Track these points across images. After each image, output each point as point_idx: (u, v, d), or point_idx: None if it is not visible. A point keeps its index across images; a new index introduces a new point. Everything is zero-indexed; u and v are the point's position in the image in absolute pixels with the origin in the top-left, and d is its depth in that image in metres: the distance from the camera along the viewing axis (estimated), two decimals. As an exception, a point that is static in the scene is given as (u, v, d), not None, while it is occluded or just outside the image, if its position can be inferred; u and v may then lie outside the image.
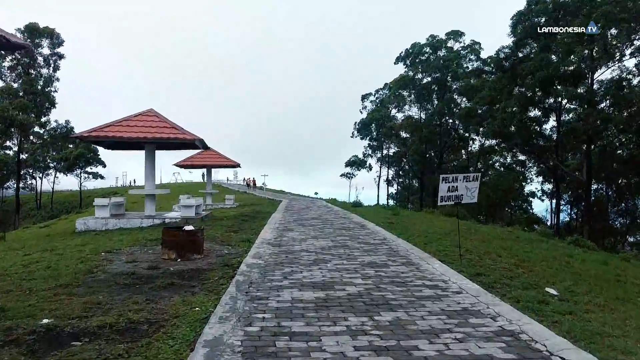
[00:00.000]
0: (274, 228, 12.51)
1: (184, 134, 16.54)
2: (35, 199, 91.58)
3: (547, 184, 56.04)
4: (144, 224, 16.22)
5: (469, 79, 48.71)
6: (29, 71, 55.29)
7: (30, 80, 53.82)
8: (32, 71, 56.48)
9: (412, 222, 16.53)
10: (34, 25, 54.18)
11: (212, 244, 10.17)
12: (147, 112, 17.67)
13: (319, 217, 16.28)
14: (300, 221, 14.50)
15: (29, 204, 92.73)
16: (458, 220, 10.25)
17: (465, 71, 53.19)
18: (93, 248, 10.04)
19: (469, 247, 10.38)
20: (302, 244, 9.24)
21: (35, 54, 55.46)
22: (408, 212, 24.03)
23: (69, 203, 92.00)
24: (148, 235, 12.82)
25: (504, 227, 27.04)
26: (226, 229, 13.49)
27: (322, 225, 12.98)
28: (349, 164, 79.34)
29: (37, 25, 54.39)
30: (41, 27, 54.71)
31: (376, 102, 72.01)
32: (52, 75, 57.98)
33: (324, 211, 19.67)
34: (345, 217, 16.10)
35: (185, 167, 32.06)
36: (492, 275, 7.27)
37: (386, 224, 14.23)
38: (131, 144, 18.76)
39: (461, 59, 52.72)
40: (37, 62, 56.73)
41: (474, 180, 8.09)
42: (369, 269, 6.79)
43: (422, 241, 10.52)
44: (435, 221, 18.44)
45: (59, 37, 55.27)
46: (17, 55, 54.08)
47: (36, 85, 54.67)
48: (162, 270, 7.28)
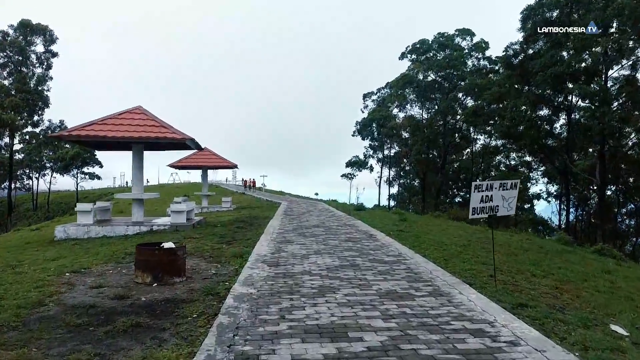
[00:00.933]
0: (271, 239, 11.09)
1: (173, 133, 15.14)
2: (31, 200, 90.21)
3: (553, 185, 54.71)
4: (129, 231, 14.83)
5: (475, 78, 47.33)
6: (21, 69, 53.84)
7: (23, 79, 52.35)
8: (24, 69, 55.03)
9: (422, 229, 15.12)
10: (27, 22, 52.78)
11: (198, 260, 8.75)
12: (134, 109, 16.28)
13: (321, 224, 14.87)
14: (301, 229, 13.09)
15: (26, 205, 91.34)
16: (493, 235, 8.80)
17: (470, 69, 51.85)
18: (60, 265, 8.63)
19: (496, 262, 8.99)
20: (303, 262, 7.83)
21: (28, 52, 54.05)
22: (415, 216, 22.62)
23: (66, 204, 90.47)
24: (130, 246, 11.41)
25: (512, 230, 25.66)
26: (218, 238, 12.07)
27: (325, 236, 11.56)
28: (350, 165, 77.91)
29: (30, 22, 52.99)
30: (34, 23, 53.29)
31: (378, 101, 70.61)
32: (45, 74, 56.56)
33: (325, 216, 18.26)
34: (350, 225, 14.69)
35: (180, 168, 30.66)
36: (538, 307, 5.87)
37: (395, 233, 12.83)
38: (118, 144, 17.35)
39: (467, 57, 51.37)
40: (30, 60, 55.30)
41: (512, 188, 6.68)
42: (390, 303, 5.37)
43: (441, 256, 9.11)
44: (447, 228, 17.04)
45: (53, 35, 53.89)
46: (9, 53, 52.70)
47: (28, 83, 53.21)
48: (130, 300, 5.87)
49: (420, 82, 54.87)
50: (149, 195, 17.20)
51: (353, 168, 78.22)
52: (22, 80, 52.42)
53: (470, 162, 60.72)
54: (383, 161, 73.99)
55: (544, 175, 53.20)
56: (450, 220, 26.87)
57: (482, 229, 21.45)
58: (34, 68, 56.16)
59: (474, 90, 48.24)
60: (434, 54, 53.68)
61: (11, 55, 52.74)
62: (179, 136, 14.95)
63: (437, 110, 54.72)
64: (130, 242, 12.34)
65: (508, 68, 31.58)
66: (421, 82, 54.54)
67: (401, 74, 58.33)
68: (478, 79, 49.34)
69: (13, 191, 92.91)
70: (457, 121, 55.13)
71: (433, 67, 51.28)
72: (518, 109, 29.97)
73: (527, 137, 31.69)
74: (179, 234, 13.86)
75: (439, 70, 51.61)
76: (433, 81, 55.17)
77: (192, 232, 14.16)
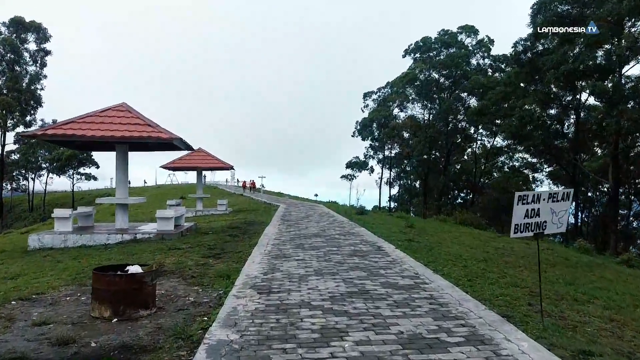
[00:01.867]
0: (265, 252, 9.72)
1: (159, 132, 13.77)
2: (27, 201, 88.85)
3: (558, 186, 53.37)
4: (111, 240, 13.46)
5: (479, 76, 46.00)
6: (14, 67, 52.44)
7: (15, 77, 50.94)
8: (17, 68, 53.64)
9: (433, 238, 13.76)
10: (19, 19, 51.39)
11: (177, 281, 7.38)
12: (118, 106, 14.91)
13: (322, 232, 13.49)
14: (299, 239, 11.72)
15: (22, 206, 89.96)
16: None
17: (474, 68, 50.53)
18: (12, 288, 7.26)
19: (529, 283, 7.64)
20: (301, 288, 6.44)
21: (21, 50, 52.66)
22: (422, 221, 21.23)
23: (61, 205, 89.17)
24: (106, 259, 10.05)
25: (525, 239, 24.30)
26: (206, 250, 10.70)
27: (328, 248, 10.18)
28: (350, 166, 76.56)
29: (22, 19, 51.61)
30: (27, 21, 51.90)
31: (378, 100, 69.27)
32: (39, 72, 55.18)
33: (326, 222, 16.88)
34: (354, 233, 13.32)
35: (173, 170, 29.32)
36: (604, 355, 4.51)
37: (405, 244, 11.45)
38: (101, 145, 15.98)
39: (471, 55, 50.02)
40: (23, 59, 53.91)
41: (564, 199, 5.31)
42: (417, 357, 4.00)
43: (463, 275, 7.75)
44: (459, 235, 15.68)
45: (46, 32, 52.51)
46: (1, 51, 51.32)
47: (21, 82, 51.80)
48: (75, 348, 4.49)
49: (422, 81, 53.52)
50: (134, 200, 15.82)
51: (353, 169, 76.86)
52: (14, 79, 51.01)
53: (471, 163, 59.41)
54: (383, 162, 72.66)
55: (549, 177, 51.91)
56: (456, 224, 25.56)
57: (493, 235, 20.12)
58: (27, 66, 54.82)
59: (478, 89, 46.96)
60: (437, 52, 52.33)
61: (3, 53, 51.35)
62: (165, 135, 13.59)
63: (440, 109, 53.34)
64: (109, 254, 10.99)
65: (517, 65, 30.22)
66: (424, 80, 53.19)
67: (403, 72, 57.02)
68: (482, 77, 48.05)
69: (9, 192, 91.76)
70: (460, 121, 53.78)
71: (436, 65, 49.91)
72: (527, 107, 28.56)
73: (536, 137, 30.32)
74: (164, 244, 12.50)
75: (442, 69, 50.25)
76: (436, 80, 53.84)
77: (178, 242, 12.80)
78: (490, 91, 38.42)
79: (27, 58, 53.23)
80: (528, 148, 34.07)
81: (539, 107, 28.80)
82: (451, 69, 49.58)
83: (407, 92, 57.99)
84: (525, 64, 29.24)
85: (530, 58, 29.12)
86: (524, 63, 29.46)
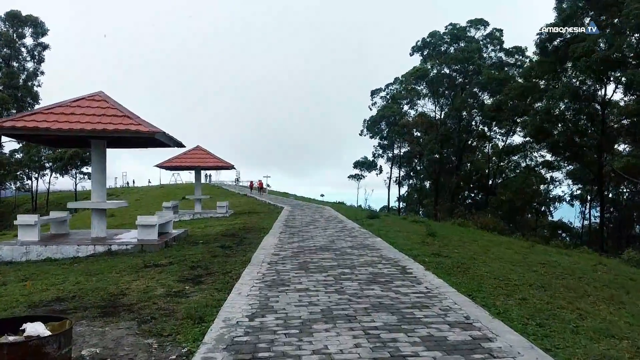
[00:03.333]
0: (258, 276, 7.57)
1: (138, 125, 11.67)
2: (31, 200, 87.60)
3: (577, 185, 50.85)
4: (81, 252, 11.42)
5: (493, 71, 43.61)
6: (10, 63, 50.70)
7: (11, 73, 49.18)
8: (15, 63, 51.92)
9: (463, 250, 11.55)
10: (15, 12, 49.58)
11: (129, 325, 5.23)
12: (94, 95, 12.87)
13: (331, 244, 11.31)
14: (303, 255, 9.55)
15: (26, 205, 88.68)
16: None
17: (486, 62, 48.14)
18: None
19: (623, 329, 5.46)
20: (303, 348, 4.27)
21: (18, 45, 50.92)
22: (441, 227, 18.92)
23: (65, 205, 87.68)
24: (60, 281, 7.99)
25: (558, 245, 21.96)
26: (187, 270, 8.58)
27: (338, 270, 7.99)
28: (357, 165, 74.39)
29: (19, 13, 49.80)
30: (24, 14, 50.12)
31: (387, 97, 67.01)
32: (37, 68, 53.43)
33: (334, 230, 14.70)
34: (369, 246, 11.13)
35: (169, 169, 27.21)
36: None
37: (434, 261, 9.27)
38: (73, 140, 13.93)
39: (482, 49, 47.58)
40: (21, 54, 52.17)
41: None
42: None
43: (528, 316, 5.57)
44: (489, 246, 13.44)
45: (43, 26, 50.70)
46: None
47: (17, 78, 50.04)
48: None
49: (434, 77, 51.19)
50: (112, 204, 13.70)
51: (361, 169, 74.64)
52: (10, 75, 49.25)
53: (484, 163, 56.97)
54: (392, 161, 70.36)
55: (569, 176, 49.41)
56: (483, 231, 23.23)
57: (525, 243, 17.76)
58: (26, 62, 53.13)
59: (492, 83, 44.57)
60: (446, 47, 49.93)
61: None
62: (145, 129, 11.48)
63: (452, 106, 50.93)
64: (67, 273, 8.90)
65: (541, 54, 27.78)
66: (435, 76, 50.84)
67: (413, 68, 54.71)
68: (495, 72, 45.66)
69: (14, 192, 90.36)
70: (473, 118, 51.36)
71: (448, 60, 47.49)
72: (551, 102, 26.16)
73: (561, 133, 27.92)
74: (141, 258, 10.41)
75: (454, 64, 47.81)
76: (447, 75, 51.45)
77: (159, 255, 10.69)
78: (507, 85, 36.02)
79: (24, 53, 51.43)
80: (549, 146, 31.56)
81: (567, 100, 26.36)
82: (463, 64, 47.16)
83: (417, 88, 55.67)
84: (550, 53, 26.83)
85: (555, 47, 26.70)
86: (548, 52, 27.04)
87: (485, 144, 53.45)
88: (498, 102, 35.97)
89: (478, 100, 47.75)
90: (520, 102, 33.41)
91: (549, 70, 27.55)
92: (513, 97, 33.01)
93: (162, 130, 11.91)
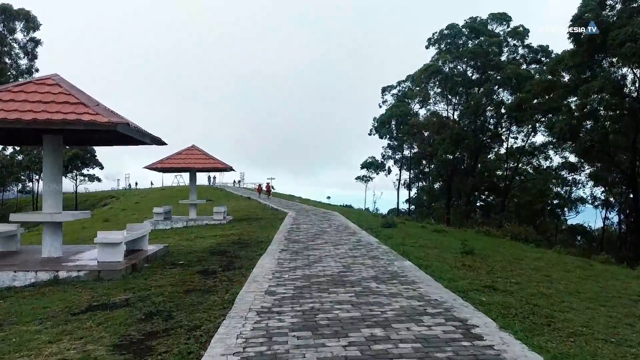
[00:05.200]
0: (237, 345, 4.75)
1: (95, 114, 8.95)
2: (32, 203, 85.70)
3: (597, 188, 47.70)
4: (18, 280, 8.84)
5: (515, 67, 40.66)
6: (2, 59, 48.32)
7: (2, 70, 46.79)
8: (7, 60, 49.54)
9: (519, 276, 8.75)
10: (6, 6, 47.24)
11: None
12: (45, 79, 10.20)
13: (346, 274, 8.49)
14: (309, 296, 6.74)
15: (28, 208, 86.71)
16: None
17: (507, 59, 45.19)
18: None
19: None
20: None
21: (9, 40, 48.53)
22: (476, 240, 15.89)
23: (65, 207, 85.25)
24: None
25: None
26: (134, 324, 5.79)
27: (365, 330, 5.16)
28: (366, 166, 71.48)
29: (10, 6, 47.46)
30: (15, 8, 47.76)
31: (398, 95, 64.15)
32: (31, 65, 51.05)
33: (348, 247, 11.90)
34: (399, 275, 8.32)
35: (159, 171, 24.48)
36: None
37: (495, 301, 6.48)
38: (21, 134, 11.26)
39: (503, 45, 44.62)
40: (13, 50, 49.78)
41: None
42: None
43: None
44: (543, 267, 10.63)
45: (35, 21, 48.25)
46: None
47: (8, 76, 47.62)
48: None
49: (447, 74, 48.20)
50: (67, 216, 10.89)
51: (369, 170, 71.72)
52: (2, 72, 46.86)
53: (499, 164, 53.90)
54: (402, 162, 67.47)
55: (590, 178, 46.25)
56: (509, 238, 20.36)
57: (578, 261, 14.77)
58: (19, 59, 50.79)
59: (512, 81, 41.62)
60: (464, 41, 46.99)
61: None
62: (103, 119, 8.76)
63: (468, 104, 47.91)
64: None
65: (576, 43, 24.82)
66: (449, 73, 47.86)
67: (425, 65, 51.70)
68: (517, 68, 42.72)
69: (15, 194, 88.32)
70: (491, 117, 48.31)
71: (465, 54, 44.51)
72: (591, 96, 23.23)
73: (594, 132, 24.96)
74: (89, 291, 7.73)
75: (472, 59, 44.83)
76: (463, 72, 48.49)
77: (117, 287, 7.96)
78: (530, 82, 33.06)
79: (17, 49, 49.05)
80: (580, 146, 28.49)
81: (606, 94, 23.43)
82: (482, 59, 44.21)
83: (429, 86, 52.70)
84: (585, 42, 23.90)
85: (590, 36, 23.76)
86: (582, 41, 24.11)
87: (502, 144, 50.38)
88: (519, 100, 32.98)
89: (497, 98, 44.77)
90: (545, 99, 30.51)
91: (583, 61, 24.61)
92: (537, 93, 30.09)
93: (126, 121, 9.17)
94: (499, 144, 52.12)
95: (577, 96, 25.12)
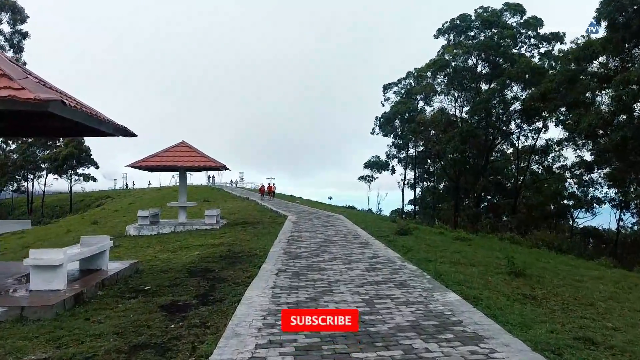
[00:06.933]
0: None
1: (18, 89, 6.41)
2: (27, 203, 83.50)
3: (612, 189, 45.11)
4: None
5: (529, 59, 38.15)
6: (-14, 52, 45.76)
7: (-14, 63, 44.23)
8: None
9: (596, 315, 6.23)
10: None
11: None
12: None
13: (371, 317, 5.95)
14: (316, 356, 4.18)
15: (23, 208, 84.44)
16: None
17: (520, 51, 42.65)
18: None
19: None
20: None
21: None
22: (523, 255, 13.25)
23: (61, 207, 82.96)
24: None
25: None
26: None
27: None
28: (369, 165, 68.91)
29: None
30: None
31: (400, 92, 61.59)
32: (17, 58, 48.48)
33: (365, 266, 9.38)
34: (446, 318, 5.80)
35: (143, 169, 21.91)
36: None
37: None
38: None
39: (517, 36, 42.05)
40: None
41: None
42: None
43: None
44: (610, 292, 8.12)
45: (23, 12, 45.79)
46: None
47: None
48: None
49: (456, 67, 45.61)
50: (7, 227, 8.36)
51: (372, 169, 69.18)
52: (-14, 65, 44.35)
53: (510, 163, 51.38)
54: (406, 161, 64.91)
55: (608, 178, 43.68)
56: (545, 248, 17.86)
57: (618, 273, 12.39)
58: (5, 52, 48.29)
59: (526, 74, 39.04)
60: (475, 33, 44.42)
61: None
62: (28, 95, 6.20)
63: (477, 101, 45.33)
64: None
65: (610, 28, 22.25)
66: (459, 67, 45.27)
67: (431, 60, 49.09)
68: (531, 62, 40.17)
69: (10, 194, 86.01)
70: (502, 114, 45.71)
71: (477, 47, 41.91)
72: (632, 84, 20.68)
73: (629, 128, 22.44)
74: (1, 342, 5.20)
75: (484, 52, 42.23)
76: (470, 68, 45.90)
77: (36, 337, 5.40)
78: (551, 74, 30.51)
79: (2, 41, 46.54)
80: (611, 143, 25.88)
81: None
82: (494, 51, 41.63)
83: (436, 81, 50.10)
84: (621, 26, 21.37)
85: (626, 20, 21.19)
86: (618, 26, 21.57)
87: (514, 142, 47.82)
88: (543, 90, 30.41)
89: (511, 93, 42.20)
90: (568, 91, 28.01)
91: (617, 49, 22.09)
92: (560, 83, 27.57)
93: (60, 98, 6.62)
94: (509, 142, 49.62)
95: (611, 87, 22.62)
